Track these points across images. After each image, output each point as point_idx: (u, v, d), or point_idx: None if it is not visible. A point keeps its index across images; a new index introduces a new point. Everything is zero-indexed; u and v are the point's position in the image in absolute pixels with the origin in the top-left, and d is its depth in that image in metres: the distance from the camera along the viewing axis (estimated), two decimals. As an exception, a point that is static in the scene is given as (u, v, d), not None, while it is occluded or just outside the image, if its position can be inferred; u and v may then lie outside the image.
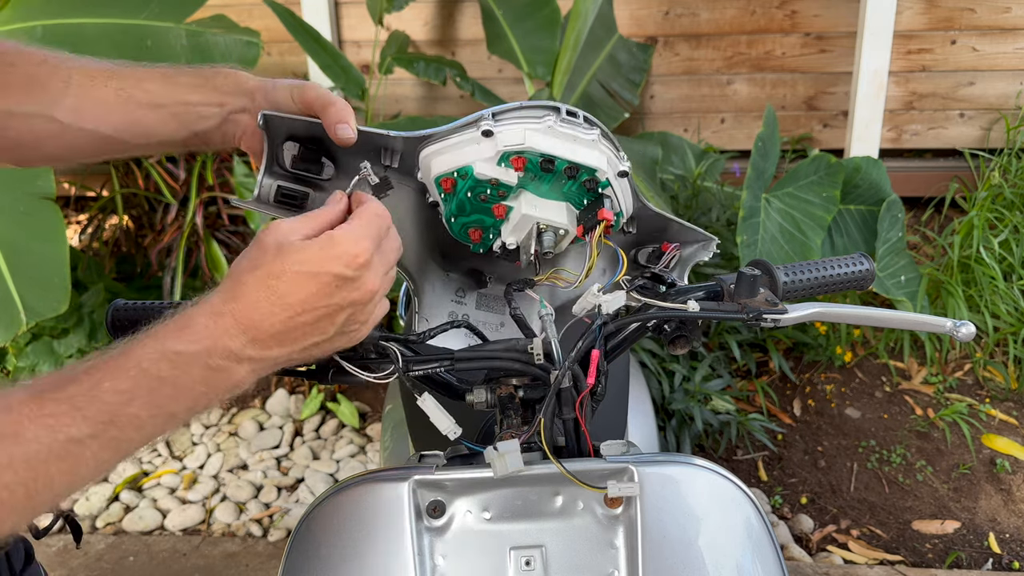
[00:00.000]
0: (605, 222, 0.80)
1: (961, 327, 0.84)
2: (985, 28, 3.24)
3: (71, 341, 2.62)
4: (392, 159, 0.82)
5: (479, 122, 0.78)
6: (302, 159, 0.81)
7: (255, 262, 0.65)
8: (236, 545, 2.25)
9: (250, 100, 0.83)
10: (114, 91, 0.81)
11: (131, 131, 0.83)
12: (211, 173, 2.96)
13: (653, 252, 0.93)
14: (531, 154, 0.78)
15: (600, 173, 0.80)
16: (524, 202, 0.81)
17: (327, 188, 0.86)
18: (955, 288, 2.71)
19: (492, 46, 3.15)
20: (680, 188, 2.91)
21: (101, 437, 0.56)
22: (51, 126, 0.80)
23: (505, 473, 0.74)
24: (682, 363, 2.48)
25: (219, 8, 3.11)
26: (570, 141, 0.78)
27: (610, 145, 0.81)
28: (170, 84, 0.83)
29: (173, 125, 0.83)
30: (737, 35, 3.38)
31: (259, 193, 0.82)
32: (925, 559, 2.13)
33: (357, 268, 0.65)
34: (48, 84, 0.80)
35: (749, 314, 0.80)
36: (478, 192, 0.80)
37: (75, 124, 0.81)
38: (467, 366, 0.81)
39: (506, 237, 0.84)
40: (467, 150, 0.79)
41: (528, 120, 0.78)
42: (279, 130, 0.80)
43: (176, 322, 0.63)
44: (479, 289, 0.98)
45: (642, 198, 0.87)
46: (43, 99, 0.79)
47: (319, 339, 0.67)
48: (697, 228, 0.90)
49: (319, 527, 0.79)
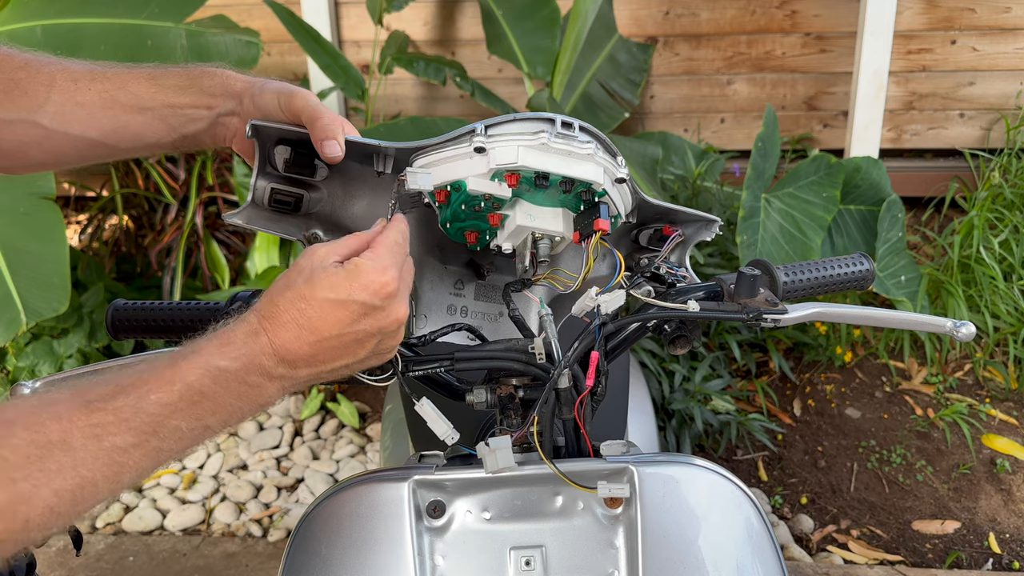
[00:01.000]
0: (601, 232, 0.79)
1: (961, 327, 0.84)
2: (985, 28, 3.24)
3: (71, 341, 2.62)
4: (385, 165, 0.82)
5: (472, 136, 0.77)
6: (294, 163, 0.81)
7: (289, 284, 0.66)
8: (236, 545, 2.25)
9: (238, 103, 0.82)
10: (98, 94, 0.80)
11: (118, 135, 0.82)
12: (211, 173, 2.96)
13: (655, 234, 0.92)
14: (525, 171, 0.77)
15: (596, 185, 0.78)
16: (519, 212, 0.80)
17: (321, 189, 0.86)
18: (955, 288, 2.71)
19: (492, 46, 3.15)
20: (680, 188, 2.91)
21: (144, 447, 0.58)
22: (35, 131, 0.79)
23: (496, 469, 0.74)
24: (682, 363, 2.48)
25: (219, 8, 3.11)
26: (564, 156, 0.77)
27: (606, 155, 0.80)
28: (156, 86, 0.81)
29: (161, 128, 0.82)
30: (737, 35, 3.38)
31: (253, 196, 0.81)
32: (925, 559, 2.13)
33: (384, 298, 0.67)
34: (29, 89, 0.78)
35: (749, 314, 0.80)
36: (472, 204, 0.80)
37: (60, 129, 0.80)
38: (467, 366, 0.81)
39: (502, 243, 0.83)
40: (459, 164, 0.77)
41: (522, 136, 0.76)
42: (269, 136, 0.80)
43: (219, 338, 0.64)
44: (478, 280, 0.97)
45: (641, 193, 0.86)
46: (25, 104, 0.78)
47: (349, 361, 0.68)
48: (699, 212, 0.88)
49: (319, 527, 0.79)
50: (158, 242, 2.95)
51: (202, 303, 0.92)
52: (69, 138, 0.81)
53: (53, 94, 0.79)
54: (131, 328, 0.94)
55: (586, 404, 0.80)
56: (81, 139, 0.81)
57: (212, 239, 2.97)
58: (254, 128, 0.77)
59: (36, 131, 0.80)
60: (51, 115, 0.79)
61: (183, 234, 2.87)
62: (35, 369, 2.58)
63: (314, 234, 0.85)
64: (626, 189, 0.84)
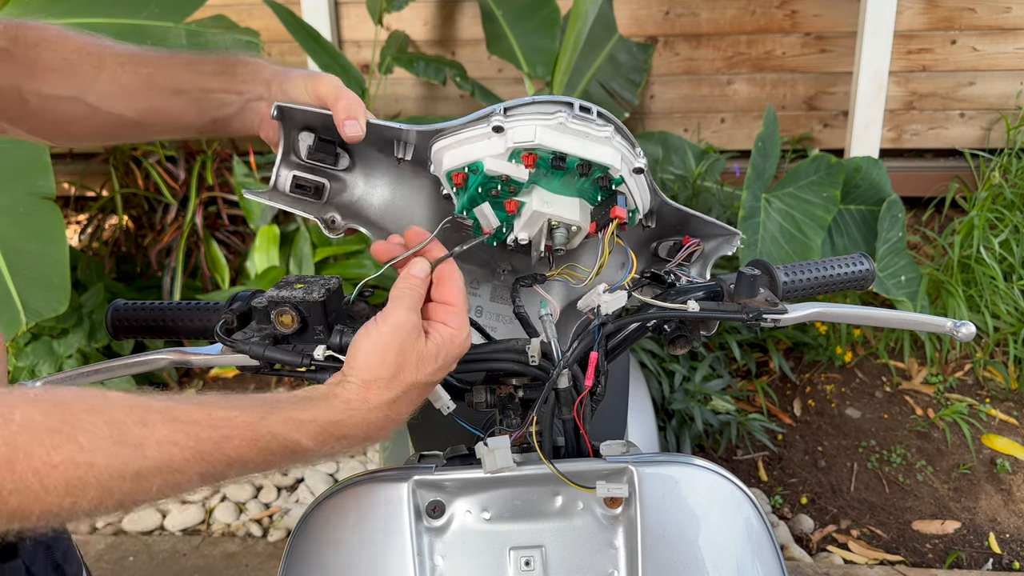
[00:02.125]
0: (617, 220, 0.79)
1: (961, 327, 0.84)
2: (985, 28, 3.24)
3: (71, 341, 2.62)
4: (405, 152, 0.82)
5: (490, 117, 0.77)
6: (317, 150, 0.82)
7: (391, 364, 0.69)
8: (236, 545, 2.25)
9: (266, 88, 0.84)
10: (141, 77, 0.84)
11: (153, 116, 0.85)
12: (211, 173, 2.96)
13: (674, 246, 0.92)
14: (542, 151, 0.76)
15: (613, 170, 0.78)
16: (536, 198, 0.80)
17: (343, 179, 0.86)
18: (955, 288, 2.71)
19: (492, 46, 3.15)
20: (680, 188, 2.91)
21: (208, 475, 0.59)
22: (81, 108, 0.84)
23: (495, 469, 0.74)
24: (682, 363, 2.48)
25: (219, 8, 3.11)
26: (582, 138, 0.77)
27: (625, 141, 0.79)
28: (193, 71, 0.85)
29: (193, 111, 0.85)
30: (737, 35, 3.38)
31: (276, 182, 0.82)
32: (925, 559, 2.13)
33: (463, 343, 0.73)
34: (79, 68, 0.83)
35: (749, 314, 0.80)
36: (489, 188, 0.79)
37: (103, 108, 0.84)
38: (467, 367, 0.81)
39: (518, 232, 0.82)
40: (478, 145, 0.78)
41: (540, 116, 0.76)
42: (294, 120, 0.81)
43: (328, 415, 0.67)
44: (493, 280, 0.97)
45: (661, 193, 0.86)
46: (75, 83, 0.83)
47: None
48: (720, 222, 0.88)
49: (319, 527, 0.79)
50: (158, 242, 2.95)
51: (202, 303, 0.92)
52: (110, 116, 0.85)
53: (102, 75, 0.83)
54: (131, 328, 0.94)
55: (585, 404, 0.80)
56: (120, 118, 0.85)
57: (212, 239, 2.97)
58: (279, 110, 0.78)
59: (82, 108, 0.84)
60: (97, 94, 0.83)
61: (183, 234, 2.87)
62: (35, 369, 2.58)
63: (332, 218, 0.87)
64: (644, 182, 0.82)
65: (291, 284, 0.78)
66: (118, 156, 3.12)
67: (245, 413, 0.61)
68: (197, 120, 0.86)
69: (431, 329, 0.72)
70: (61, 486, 0.51)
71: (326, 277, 0.80)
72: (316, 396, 0.67)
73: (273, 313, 0.76)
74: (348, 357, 0.70)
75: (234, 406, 0.61)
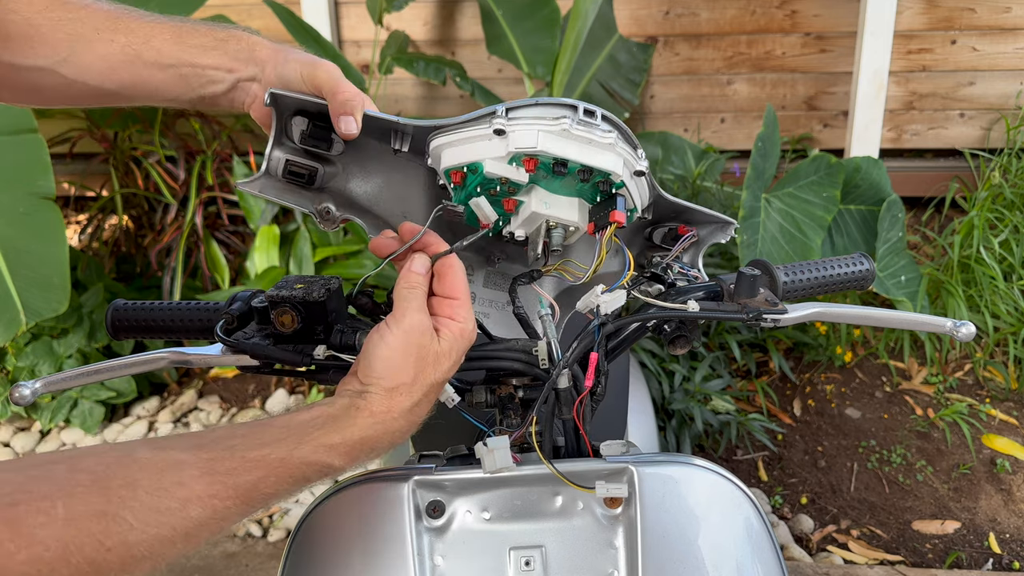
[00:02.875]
0: (616, 224, 0.78)
1: (961, 327, 0.84)
2: (985, 28, 3.24)
3: (71, 341, 2.62)
4: (403, 143, 0.80)
5: (492, 118, 0.75)
6: (311, 135, 0.80)
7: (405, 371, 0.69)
8: (236, 545, 2.25)
9: (260, 70, 0.81)
10: (120, 47, 0.80)
11: (136, 89, 0.82)
12: (211, 173, 2.96)
13: (669, 232, 0.91)
14: (544, 157, 0.75)
15: (615, 176, 0.77)
16: (535, 199, 0.79)
17: (336, 164, 0.85)
18: (955, 288, 2.71)
19: (492, 46, 3.15)
20: (680, 188, 2.91)
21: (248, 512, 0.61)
22: (55, 79, 0.80)
23: (494, 468, 0.74)
24: (682, 363, 2.48)
25: (219, 8, 3.12)
26: (585, 144, 0.75)
27: (627, 146, 0.78)
28: (180, 44, 0.81)
29: (180, 86, 0.82)
30: (737, 35, 3.38)
31: (267, 167, 0.80)
32: (925, 559, 2.13)
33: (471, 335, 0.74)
34: (49, 37, 0.78)
35: (749, 314, 0.80)
36: (488, 187, 0.78)
37: (79, 79, 0.80)
38: (468, 365, 0.81)
39: (515, 229, 0.82)
40: (478, 146, 0.76)
41: (542, 121, 0.75)
42: (287, 106, 0.79)
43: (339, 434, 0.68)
44: (487, 267, 0.96)
45: (659, 189, 0.85)
46: (46, 52, 0.79)
47: None
48: (715, 212, 0.87)
49: (319, 527, 0.79)
50: (158, 242, 2.95)
51: (202, 303, 0.92)
52: (88, 87, 0.81)
53: (78, 46, 0.79)
54: (131, 328, 0.93)
55: (585, 404, 0.80)
56: (99, 89, 0.82)
57: (212, 239, 2.97)
58: (272, 96, 0.76)
59: (56, 79, 0.80)
60: (73, 66, 0.80)
61: (183, 234, 2.87)
62: (35, 369, 2.58)
63: (326, 208, 0.85)
64: (644, 183, 0.82)
65: (291, 284, 0.78)
66: (118, 156, 3.12)
67: (276, 449, 0.61)
68: (183, 95, 0.83)
69: (440, 326, 0.72)
70: (116, 566, 0.52)
71: (326, 277, 0.80)
72: (340, 414, 0.66)
73: (273, 313, 0.76)
74: (364, 365, 0.69)
75: (263, 443, 0.61)
